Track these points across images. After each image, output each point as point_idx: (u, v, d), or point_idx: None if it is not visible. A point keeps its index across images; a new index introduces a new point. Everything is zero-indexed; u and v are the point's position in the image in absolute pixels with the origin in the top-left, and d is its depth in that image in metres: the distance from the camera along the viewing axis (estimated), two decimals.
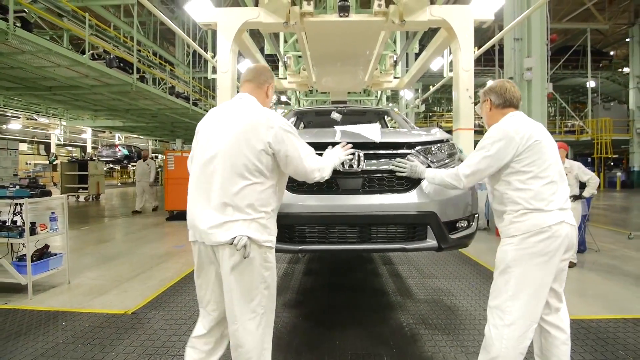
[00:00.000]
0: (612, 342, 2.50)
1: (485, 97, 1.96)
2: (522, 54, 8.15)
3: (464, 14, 5.56)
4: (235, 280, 1.57)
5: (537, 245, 1.61)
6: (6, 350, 2.41)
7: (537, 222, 1.62)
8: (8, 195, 3.38)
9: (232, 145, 1.58)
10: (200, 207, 1.60)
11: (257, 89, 1.79)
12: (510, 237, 1.69)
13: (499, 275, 1.70)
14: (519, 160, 1.68)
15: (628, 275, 4.09)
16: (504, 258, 1.69)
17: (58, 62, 7.56)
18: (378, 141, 2.32)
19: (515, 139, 1.68)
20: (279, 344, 2.40)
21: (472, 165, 1.78)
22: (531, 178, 1.66)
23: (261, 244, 1.58)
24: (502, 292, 1.67)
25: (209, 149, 1.63)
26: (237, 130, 1.59)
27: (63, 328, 2.75)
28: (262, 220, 1.60)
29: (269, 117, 1.62)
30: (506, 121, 1.79)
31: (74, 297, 3.46)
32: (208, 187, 1.59)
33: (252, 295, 1.58)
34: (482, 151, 1.75)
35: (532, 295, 1.62)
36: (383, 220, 2.28)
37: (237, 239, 1.51)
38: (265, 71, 1.83)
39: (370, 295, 3.45)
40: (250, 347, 1.58)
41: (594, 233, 6.16)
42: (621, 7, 18.74)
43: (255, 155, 1.57)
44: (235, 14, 5.65)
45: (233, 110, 1.68)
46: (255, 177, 1.58)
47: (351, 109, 4.58)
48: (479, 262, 4.56)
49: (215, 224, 1.54)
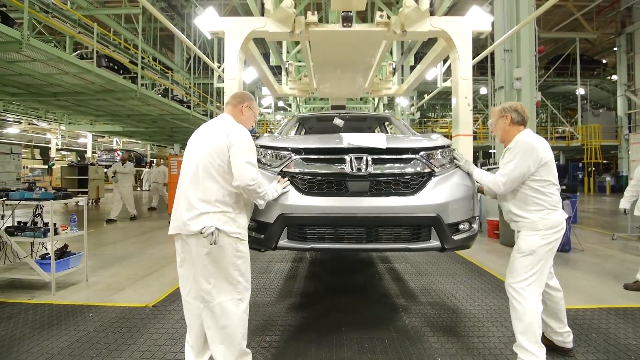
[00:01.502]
0: (587, 328, 2.82)
1: (505, 114, 2.33)
2: (512, 65, 8.54)
3: (462, 25, 5.71)
4: (209, 265, 1.89)
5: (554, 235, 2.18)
6: (42, 338, 2.66)
7: (557, 219, 2.17)
8: (34, 197, 3.63)
9: (205, 151, 1.96)
10: (182, 203, 1.96)
11: (233, 109, 2.19)
12: (537, 230, 2.17)
13: (524, 258, 2.17)
14: (539, 171, 2.16)
15: (608, 272, 4.42)
16: (530, 245, 2.16)
17: (66, 69, 7.80)
18: (384, 147, 2.48)
19: (539, 152, 2.15)
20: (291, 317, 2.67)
21: (506, 174, 2.19)
22: (551, 184, 2.18)
23: (230, 234, 1.92)
24: (526, 271, 2.15)
25: (190, 157, 2.02)
26: (209, 140, 1.99)
27: (91, 319, 3.00)
28: (231, 214, 1.95)
29: (232, 127, 2.01)
30: (529, 137, 2.24)
31: (94, 293, 3.70)
32: (188, 188, 1.95)
33: (228, 280, 1.92)
34: (513, 162, 2.18)
35: (546, 271, 2.20)
36: (389, 222, 2.39)
37: (205, 228, 1.85)
38: (242, 95, 2.26)
39: (370, 289, 3.74)
40: (233, 325, 1.90)
41: (582, 235, 6.52)
42: (608, 18, 19.38)
43: (220, 158, 1.94)
44: (242, 23, 5.77)
45: (210, 126, 2.09)
46: (223, 177, 1.94)
47: (353, 115, 4.74)
48: (471, 260, 4.86)
49: (192, 216, 1.90)
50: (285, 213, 2.37)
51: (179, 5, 16.97)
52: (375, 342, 2.59)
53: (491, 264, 4.72)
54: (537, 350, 2.08)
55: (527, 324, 2.10)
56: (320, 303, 3.42)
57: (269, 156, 2.65)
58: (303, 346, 2.54)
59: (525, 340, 2.10)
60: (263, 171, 2.51)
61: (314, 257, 5.00)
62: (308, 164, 2.51)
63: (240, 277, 1.96)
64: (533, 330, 2.09)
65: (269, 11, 5.50)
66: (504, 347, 2.51)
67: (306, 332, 2.77)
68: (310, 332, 2.76)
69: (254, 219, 2.42)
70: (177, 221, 1.96)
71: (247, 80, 10.05)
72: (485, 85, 20.72)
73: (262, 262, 4.79)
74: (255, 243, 2.47)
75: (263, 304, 3.35)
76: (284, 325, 2.88)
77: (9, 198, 3.66)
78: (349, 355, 2.40)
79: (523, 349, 2.10)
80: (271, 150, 2.66)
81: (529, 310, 2.10)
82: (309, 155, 2.54)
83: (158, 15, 5.25)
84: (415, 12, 5.32)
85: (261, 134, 3.31)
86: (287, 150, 2.59)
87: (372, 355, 2.41)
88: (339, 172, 2.44)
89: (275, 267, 4.62)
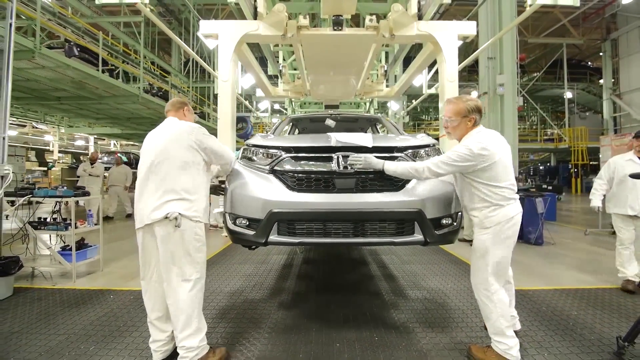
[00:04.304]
0: (539, 303, 3.31)
1: (471, 116, 2.27)
2: (495, 72, 9.08)
3: (448, 29, 5.85)
4: (171, 248, 2.14)
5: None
6: (73, 314, 3.09)
7: (506, 214, 2.21)
8: (57, 194, 4.05)
9: (166, 148, 2.24)
10: (145, 197, 2.21)
11: (176, 113, 2.52)
12: (486, 228, 2.24)
13: (480, 258, 2.27)
14: (485, 169, 2.19)
15: (572, 262, 4.90)
16: (482, 245, 2.26)
17: (73, 75, 8.20)
18: (370, 146, 2.59)
19: (487, 154, 2.17)
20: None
21: (439, 165, 2.25)
22: (498, 181, 2.21)
23: (190, 218, 2.20)
24: (484, 271, 2.24)
25: (150, 155, 2.26)
26: (168, 138, 2.28)
27: (112, 300, 3.44)
28: (190, 202, 2.22)
29: (189, 125, 2.35)
30: (480, 139, 2.21)
31: (110, 280, 4.12)
32: (150, 182, 2.21)
33: (188, 260, 2.17)
34: (453, 158, 2.22)
35: (505, 266, 2.27)
36: (374, 217, 2.49)
37: (169, 213, 2.13)
38: (177, 101, 2.57)
39: (358, 274, 4.20)
40: (184, 305, 2.14)
41: (559, 230, 7.04)
42: (594, 24, 20.07)
43: (182, 152, 2.24)
44: (235, 26, 5.87)
45: (163, 128, 2.37)
46: (184, 169, 2.23)
47: (344, 115, 4.94)
48: (450, 252, 5.34)
49: (155, 205, 2.15)
50: (276, 209, 2.48)
51: (176, 10, 17.39)
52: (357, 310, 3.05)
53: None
54: (508, 340, 2.20)
55: (494, 319, 2.22)
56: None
57: (260, 155, 2.77)
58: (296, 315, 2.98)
59: (495, 334, 2.24)
60: (254, 169, 2.71)
61: (303, 251, 5.42)
62: (297, 162, 2.64)
63: (199, 259, 2.24)
64: (500, 324, 2.20)
65: (262, 15, 5.65)
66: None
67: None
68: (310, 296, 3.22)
69: (245, 216, 2.56)
70: (140, 214, 2.21)
71: (245, 85, 10.44)
72: (475, 89, 21.29)
73: (260, 255, 5.23)
74: (246, 240, 2.60)
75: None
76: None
77: (33, 195, 4.07)
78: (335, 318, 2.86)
79: (495, 341, 2.25)
80: (262, 149, 2.79)
81: (493, 309, 2.21)
82: (298, 153, 2.67)
83: (162, 26, 5.65)
84: (403, 16, 5.51)
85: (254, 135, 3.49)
86: (277, 149, 2.72)
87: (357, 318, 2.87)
88: (326, 170, 2.58)
89: (272, 258, 5.07)
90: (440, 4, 5.76)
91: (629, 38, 18.45)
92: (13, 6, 3.91)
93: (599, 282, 4.00)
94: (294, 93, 10.45)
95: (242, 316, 3.05)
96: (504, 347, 2.20)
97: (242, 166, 2.82)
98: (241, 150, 3.02)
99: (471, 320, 2.93)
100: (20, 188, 4.43)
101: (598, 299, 3.45)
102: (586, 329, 2.78)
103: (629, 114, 18.71)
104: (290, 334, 2.73)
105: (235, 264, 4.76)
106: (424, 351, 2.45)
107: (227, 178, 2.81)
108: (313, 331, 2.76)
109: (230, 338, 2.66)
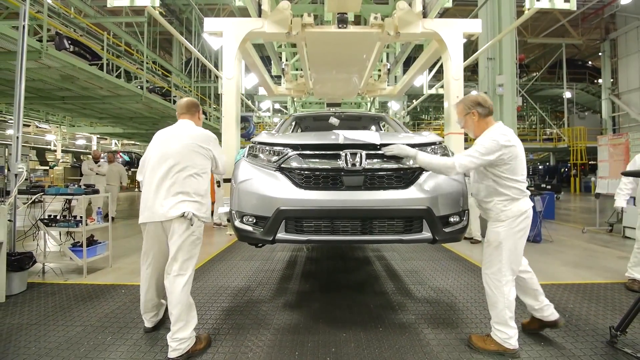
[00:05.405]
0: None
1: (471, 110, 2.35)
2: (494, 72, 9.21)
3: (454, 27, 5.87)
4: (181, 243, 2.32)
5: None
6: (87, 307, 3.21)
7: (520, 208, 2.29)
8: (69, 192, 4.17)
9: (182, 151, 2.40)
10: (161, 196, 2.34)
11: (192, 117, 2.66)
12: (501, 221, 2.31)
13: (493, 249, 2.34)
14: (503, 163, 2.24)
15: (568, 259, 5.03)
16: (497, 237, 2.32)
17: (78, 75, 8.31)
18: (378, 143, 2.60)
19: (505, 149, 2.22)
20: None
21: (464, 164, 2.27)
22: (515, 175, 2.27)
23: (200, 218, 2.40)
24: (498, 261, 2.31)
25: (163, 156, 2.40)
26: (184, 142, 2.44)
27: (124, 294, 3.55)
28: (201, 204, 2.42)
29: (207, 136, 2.55)
30: (498, 133, 2.27)
31: (120, 275, 4.23)
32: (166, 182, 2.35)
33: (187, 256, 2.35)
34: (477, 152, 2.25)
35: (518, 258, 2.36)
36: (382, 214, 2.47)
37: (186, 213, 2.31)
38: (193, 104, 2.69)
39: (359, 268, 4.32)
40: (180, 298, 2.31)
41: (557, 229, 7.16)
42: (593, 24, 20.20)
43: (202, 161, 2.45)
44: (240, 23, 5.88)
45: (179, 130, 2.52)
46: (197, 172, 2.42)
47: (348, 114, 4.95)
48: (450, 249, 5.46)
49: (171, 205, 2.33)
50: (283, 207, 2.48)
51: (177, 10, 17.49)
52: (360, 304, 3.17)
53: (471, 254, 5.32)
54: (509, 330, 2.29)
55: (500, 309, 2.30)
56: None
57: (267, 152, 2.76)
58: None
59: (497, 324, 2.33)
60: (261, 166, 2.72)
61: (310, 248, 5.55)
62: (305, 160, 2.63)
63: (194, 254, 2.42)
64: (504, 315, 2.28)
65: (266, 12, 5.68)
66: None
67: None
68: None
69: (252, 214, 2.57)
70: (151, 211, 2.36)
71: (248, 85, 10.57)
72: (475, 89, 21.42)
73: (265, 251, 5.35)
74: (253, 237, 2.62)
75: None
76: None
77: (45, 193, 4.19)
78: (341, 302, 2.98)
79: (496, 329, 2.34)
80: (269, 147, 2.78)
81: (501, 298, 2.28)
82: (305, 151, 2.66)
83: (170, 28, 5.76)
84: (408, 14, 5.55)
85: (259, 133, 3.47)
86: (285, 147, 2.71)
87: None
88: (334, 167, 2.57)
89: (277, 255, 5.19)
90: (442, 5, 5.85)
91: (628, 38, 18.60)
92: (26, 8, 4.01)
93: (594, 277, 4.12)
94: (296, 91, 10.54)
95: (248, 312, 3.16)
96: (504, 336, 2.30)
97: (248, 164, 2.80)
98: (247, 147, 3.03)
99: (471, 312, 3.05)
100: (32, 186, 4.55)
101: (593, 292, 3.57)
102: (581, 321, 2.90)
103: (627, 114, 18.87)
104: (298, 321, 2.84)
105: (240, 260, 4.88)
106: (426, 341, 2.56)
107: (233, 175, 2.87)
108: (320, 322, 2.87)
109: (236, 334, 2.76)
